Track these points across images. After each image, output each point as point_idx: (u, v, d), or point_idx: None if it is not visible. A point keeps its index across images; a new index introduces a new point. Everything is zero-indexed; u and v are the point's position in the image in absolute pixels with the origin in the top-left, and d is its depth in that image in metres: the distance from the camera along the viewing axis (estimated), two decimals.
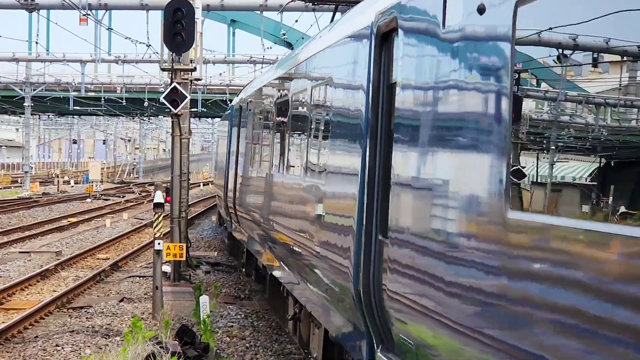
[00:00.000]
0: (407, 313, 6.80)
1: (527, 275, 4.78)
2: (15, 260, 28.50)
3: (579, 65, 4.74)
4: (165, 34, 21.84)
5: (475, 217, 5.44)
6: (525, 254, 4.80)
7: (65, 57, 60.22)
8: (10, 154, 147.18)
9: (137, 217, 46.32)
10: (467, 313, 5.57)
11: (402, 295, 6.86)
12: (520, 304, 4.82)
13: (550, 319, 4.54)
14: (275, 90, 15.72)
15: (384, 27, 7.70)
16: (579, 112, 4.77)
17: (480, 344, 5.39)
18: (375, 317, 7.73)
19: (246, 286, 23.93)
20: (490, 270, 5.23)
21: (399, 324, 7.12)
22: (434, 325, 6.17)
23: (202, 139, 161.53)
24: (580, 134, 4.71)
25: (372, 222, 7.70)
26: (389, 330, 7.48)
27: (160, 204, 18.76)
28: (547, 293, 4.55)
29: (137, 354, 13.84)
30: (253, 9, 40.38)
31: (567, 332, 4.44)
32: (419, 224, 6.45)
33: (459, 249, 5.68)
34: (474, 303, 5.47)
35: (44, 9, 40.56)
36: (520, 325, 4.84)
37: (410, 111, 6.68)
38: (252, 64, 56.64)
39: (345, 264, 8.41)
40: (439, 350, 6.18)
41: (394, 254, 7.03)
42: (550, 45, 4.77)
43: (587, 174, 4.56)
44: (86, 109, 76.36)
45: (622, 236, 4.06)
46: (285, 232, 12.85)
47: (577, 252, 4.37)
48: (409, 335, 6.86)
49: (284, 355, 16.09)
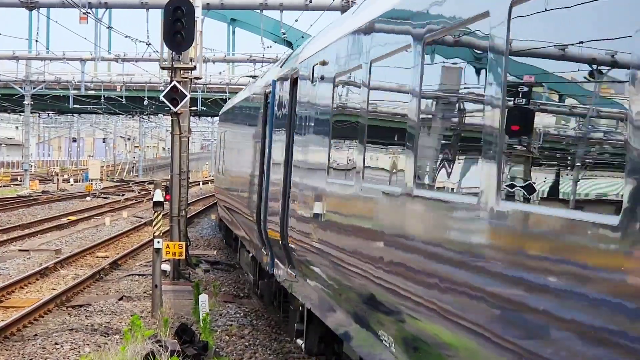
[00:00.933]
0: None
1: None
2: (14, 258, 28.50)
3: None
4: (165, 32, 21.85)
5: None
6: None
7: (65, 56, 60.22)
8: (10, 152, 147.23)
9: (137, 215, 46.34)
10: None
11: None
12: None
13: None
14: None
15: (294, 75, 13.66)
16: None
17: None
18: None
19: (245, 285, 23.94)
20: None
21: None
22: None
23: (202, 138, 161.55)
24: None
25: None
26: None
27: (160, 203, 18.77)
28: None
29: (136, 352, 13.84)
30: (253, 8, 40.37)
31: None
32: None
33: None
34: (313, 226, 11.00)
35: (44, 7, 40.56)
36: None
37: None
38: (252, 62, 56.66)
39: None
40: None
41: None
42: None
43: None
44: (86, 107, 76.40)
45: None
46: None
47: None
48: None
49: (282, 353, 16.09)
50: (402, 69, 7.54)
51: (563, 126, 4.88)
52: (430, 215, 6.63)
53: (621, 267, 4.10)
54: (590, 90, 4.62)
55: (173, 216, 24.33)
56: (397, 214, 7.40)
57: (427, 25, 6.89)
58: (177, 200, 24.46)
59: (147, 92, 70.22)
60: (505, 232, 5.30)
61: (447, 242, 6.21)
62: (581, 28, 4.56)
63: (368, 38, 8.90)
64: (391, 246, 7.58)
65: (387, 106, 8.17)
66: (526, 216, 5.05)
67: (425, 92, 6.90)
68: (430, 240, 6.55)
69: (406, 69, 7.38)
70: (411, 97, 7.16)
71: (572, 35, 4.69)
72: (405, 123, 7.29)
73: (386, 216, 7.74)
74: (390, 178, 7.74)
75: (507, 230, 5.27)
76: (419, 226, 6.89)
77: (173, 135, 24.52)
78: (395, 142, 7.65)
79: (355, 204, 8.86)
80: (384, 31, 8.31)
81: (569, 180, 4.66)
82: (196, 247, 32.63)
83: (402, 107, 7.46)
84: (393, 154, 7.68)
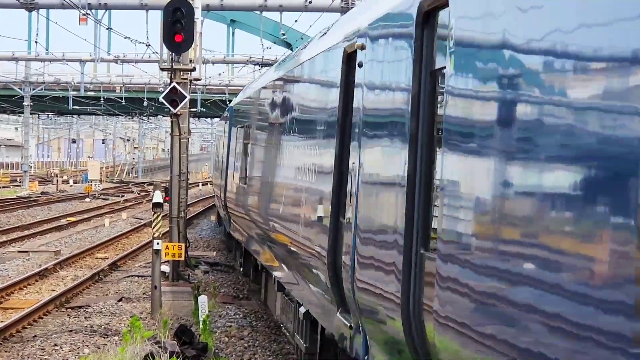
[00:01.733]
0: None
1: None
2: (13, 259, 28.50)
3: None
4: (165, 33, 21.86)
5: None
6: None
7: (64, 57, 60.26)
8: (10, 153, 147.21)
9: (136, 216, 46.32)
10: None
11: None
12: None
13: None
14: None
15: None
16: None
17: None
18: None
19: (244, 286, 23.94)
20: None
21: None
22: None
23: (202, 139, 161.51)
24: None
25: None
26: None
27: (159, 204, 18.77)
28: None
29: (135, 353, 13.84)
30: (252, 9, 40.36)
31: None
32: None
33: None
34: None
35: (44, 8, 40.55)
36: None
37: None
38: (252, 64, 56.67)
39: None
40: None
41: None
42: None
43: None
44: (85, 108, 76.41)
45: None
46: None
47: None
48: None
49: (282, 355, 16.09)
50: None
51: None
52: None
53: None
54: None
55: (172, 217, 24.32)
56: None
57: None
58: (177, 202, 24.45)
59: (147, 93, 70.24)
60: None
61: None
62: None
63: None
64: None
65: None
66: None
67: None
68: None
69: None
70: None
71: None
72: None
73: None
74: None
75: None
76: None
77: (172, 136, 24.52)
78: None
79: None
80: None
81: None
82: (195, 248, 32.62)
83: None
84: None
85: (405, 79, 6.92)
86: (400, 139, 6.93)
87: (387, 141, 7.36)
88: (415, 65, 6.74)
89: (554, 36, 4.50)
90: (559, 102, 4.44)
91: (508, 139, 4.97)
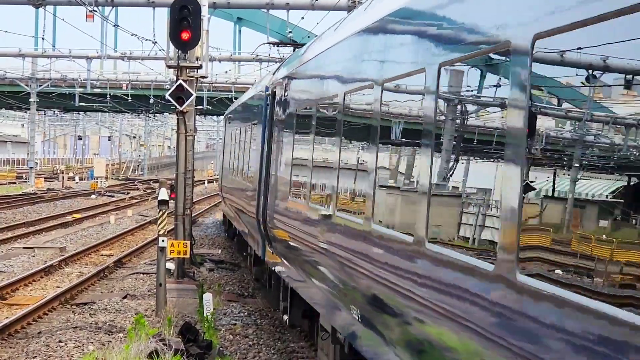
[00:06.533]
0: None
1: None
2: (19, 255, 28.53)
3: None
4: (172, 31, 21.86)
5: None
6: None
7: (71, 53, 60.23)
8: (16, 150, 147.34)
9: (142, 214, 46.34)
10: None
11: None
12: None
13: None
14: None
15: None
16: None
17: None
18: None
19: (249, 284, 23.93)
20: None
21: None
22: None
23: (207, 137, 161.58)
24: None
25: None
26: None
27: (165, 201, 18.76)
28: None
29: (140, 350, 13.84)
30: (259, 7, 40.39)
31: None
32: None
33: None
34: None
35: (51, 4, 40.59)
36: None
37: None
38: (258, 62, 56.65)
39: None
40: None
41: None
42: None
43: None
44: (91, 105, 76.42)
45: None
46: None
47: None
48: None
49: (286, 353, 16.08)
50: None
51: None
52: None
53: None
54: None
55: (178, 215, 24.32)
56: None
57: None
58: (182, 199, 24.46)
59: (153, 90, 70.24)
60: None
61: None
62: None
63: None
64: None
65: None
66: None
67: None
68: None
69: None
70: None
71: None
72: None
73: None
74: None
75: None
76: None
77: (178, 133, 24.52)
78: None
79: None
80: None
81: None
82: (201, 245, 32.63)
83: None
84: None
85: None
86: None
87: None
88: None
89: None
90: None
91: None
